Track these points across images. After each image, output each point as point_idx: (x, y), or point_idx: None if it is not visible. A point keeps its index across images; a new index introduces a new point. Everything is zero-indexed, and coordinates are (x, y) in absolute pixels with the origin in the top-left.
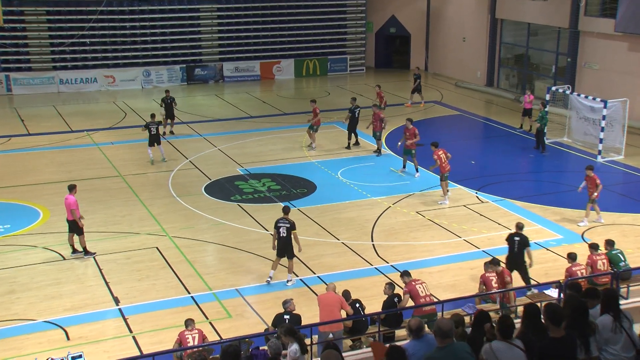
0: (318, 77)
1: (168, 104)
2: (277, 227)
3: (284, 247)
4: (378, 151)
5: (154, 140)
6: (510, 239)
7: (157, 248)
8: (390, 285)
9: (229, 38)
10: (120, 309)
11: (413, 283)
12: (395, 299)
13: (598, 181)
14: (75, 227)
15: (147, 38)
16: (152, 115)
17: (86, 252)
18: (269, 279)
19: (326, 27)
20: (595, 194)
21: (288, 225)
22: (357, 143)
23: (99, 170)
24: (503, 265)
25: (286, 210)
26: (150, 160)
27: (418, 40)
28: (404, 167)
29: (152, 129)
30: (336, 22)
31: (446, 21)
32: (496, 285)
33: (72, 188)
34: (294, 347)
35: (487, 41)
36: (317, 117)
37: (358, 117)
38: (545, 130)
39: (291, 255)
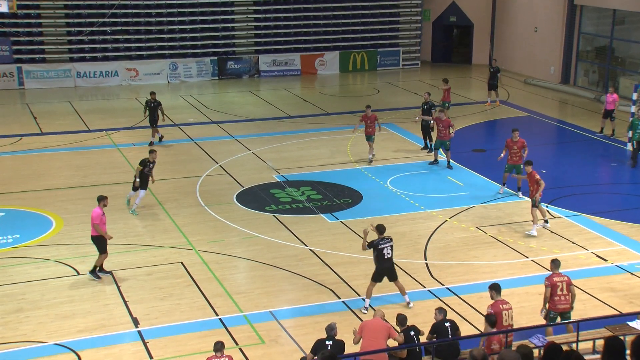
0: (366, 72)
1: (152, 108)
2: (379, 249)
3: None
4: (435, 161)
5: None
6: None
7: (182, 263)
8: (441, 310)
9: (266, 27)
10: (139, 332)
11: (500, 306)
12: (447, 324)
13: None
14: (99, 244)
15: (175, 27)
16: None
17: (95, 272)
18: (366, 309)
19: (376, 15)
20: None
21: (392, 243)
22: (426, 147)
23: (119, 175)
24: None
25: (382, 229)
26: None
27: (482, 30)
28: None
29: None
30: (387, 10)
31: (515, 8)
32: (563, 292)
33: (100, 199)
34: None
35: (563, 31)
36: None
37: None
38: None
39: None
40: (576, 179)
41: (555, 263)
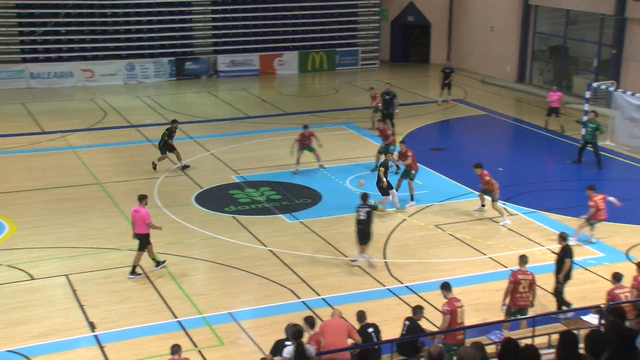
0: (325, 71)
1: (172, 136)
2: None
3: (365, 230)
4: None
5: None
6: (571, 252)
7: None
8: (419, 308)
9: (224, 27)
10: (96, 336)
11: (455, 304)
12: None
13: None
14: (143, 241)
15: (131, 27)
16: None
17: (134, 271)
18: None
19: (334, 15)
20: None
21: (369, 209)
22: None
23: (75, 177)
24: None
25: (365, 197)
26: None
27: (439, 30)
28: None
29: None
30: (346, 10)
31: (471, 8)
32: (525, 290)
33: (142, 198)
34: (291, 349)
35: (518, 31)
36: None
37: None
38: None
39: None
40: (532, 176)
41: (523, 259)
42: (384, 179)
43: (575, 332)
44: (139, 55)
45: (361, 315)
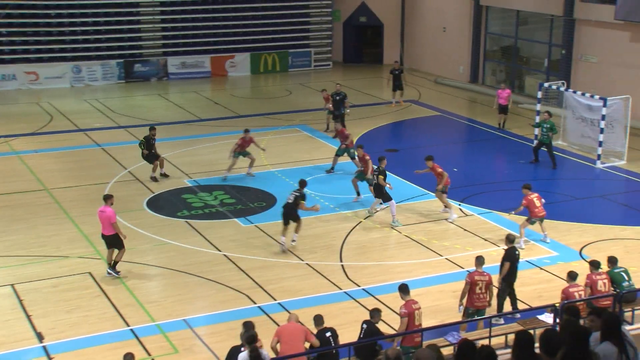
0: (278, 73)
1: (152, 144)
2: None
3: (289, 213)
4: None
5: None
6: (511, 255)
7: (90, 274)
8: (376, 311)
9: (174, 29)
10: (44, 347)
11: (412, 306)
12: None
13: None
14: (116, 242)
15: (77, 28)
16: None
17: (114, 268)
18: (283, 244)
19: (286, 16)
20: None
21: (298, 195)
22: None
23: (20, 184)
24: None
25: (302, 184)
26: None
27: (392, 30)
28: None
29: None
30: (298, 11)
31: (424, 9)
32: (482, 290)
33: (107, 198)
34: (245, 354)
35: (470, 31)
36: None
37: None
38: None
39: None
40: (487, 176)
41: (479, 260)
42: (388, 185)
43: (531, 331)
44: (86, 58)
45: (318, 320)
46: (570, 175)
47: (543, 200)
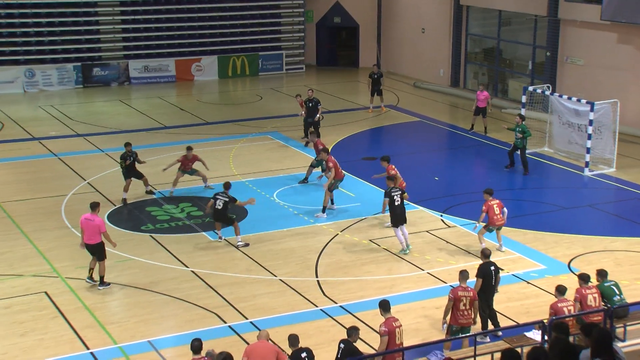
0: (247, 77)
1: (131, 161)
2: (214, 199)
3: (219, 219)
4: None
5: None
6: (485, 270)
7: (46, 293)
8: (354, 329)
9: (135, 30)
10: None
11: (393, 324)
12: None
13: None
14: (100, 252)
15: (29, 29)
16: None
17: (102, 282)
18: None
19: (256, 16)
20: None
21: (226, 199)
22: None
23: None
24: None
25: (227, 186)
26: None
27: (368, 32)
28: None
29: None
30: (268, 11)
31: (401, 9)
32: (466, 307)
33: (95, 206)
34: None
35: (450, 32)
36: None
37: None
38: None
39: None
40: (470, 185)
41: (463, 274)
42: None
43: (518, 349)
44: (40, 61)
45: (293, 340)
46: (557, 183)
47: (505, 210)
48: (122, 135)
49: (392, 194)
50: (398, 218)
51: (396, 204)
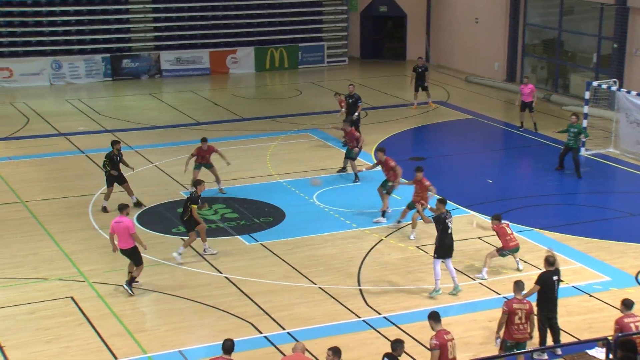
0: (286, 70)
1: (116, 162)
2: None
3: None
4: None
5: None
6: (546, 279)
7: (72, 298)
8: (399, 342)
9: (168, 20)
10: None
11: (445, 337)
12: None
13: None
14: (136, 256)
15: (57, 19)
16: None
17: (131, 283)
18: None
19: (296, 5)
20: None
21: (188, 198)
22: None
23: None
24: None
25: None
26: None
27: (416, 22)
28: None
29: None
30: (309, 0)
31: None
32: (522, 321)
33: (123, 208)
34: None
35: (506, 23)
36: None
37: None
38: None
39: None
40: (526, 189)
41: (518, 285)
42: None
43: None
44: (67, 52)
45: (335, 352)
46: (624, 188)
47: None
48: (152, 131)
49: (447, 220)
50: (446, 250)
51: (449, 231)
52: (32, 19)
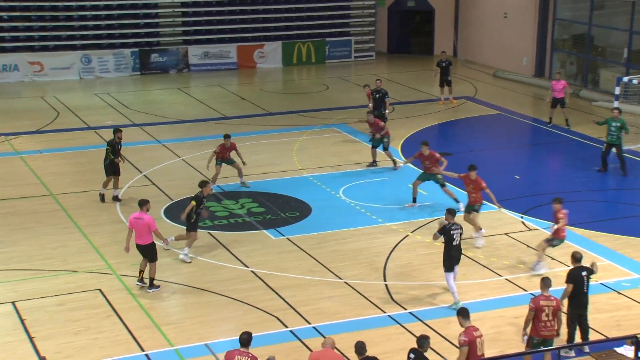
0: (313, 65)
1: (118, 150)
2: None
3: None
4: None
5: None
6: (575, 275)
7: (100, 290)
8: (425, 338)
9: (196, 14)
10: None
11: (473, 333)
12: (411, 355)
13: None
14: (152, 253)
15: (87, 13)
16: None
17: (152, 284)
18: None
19: (323, 0)
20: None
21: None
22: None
23: (22, 188)
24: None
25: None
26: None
27: (444, 16)
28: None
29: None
30: None
31: None
32: (549, 318)
33: (143, 204)
34: None
35: (536, 17)
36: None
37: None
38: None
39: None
40: (554, 185)
41: (545, 282)
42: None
43: None
44: (97, 46)
45: (360, 347)
46: None
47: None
48: (180, 125)
49: (452, 232)
50: (453, 260)
51: (454, 243)
52: (63, 13)
